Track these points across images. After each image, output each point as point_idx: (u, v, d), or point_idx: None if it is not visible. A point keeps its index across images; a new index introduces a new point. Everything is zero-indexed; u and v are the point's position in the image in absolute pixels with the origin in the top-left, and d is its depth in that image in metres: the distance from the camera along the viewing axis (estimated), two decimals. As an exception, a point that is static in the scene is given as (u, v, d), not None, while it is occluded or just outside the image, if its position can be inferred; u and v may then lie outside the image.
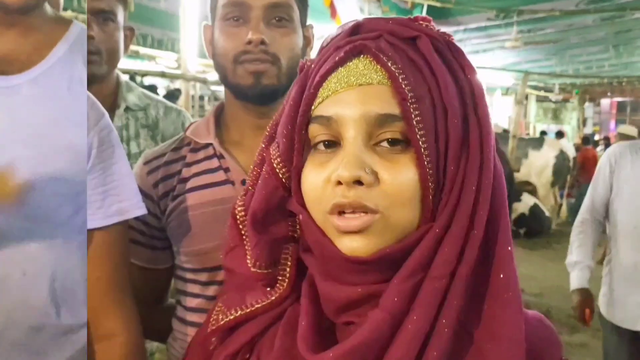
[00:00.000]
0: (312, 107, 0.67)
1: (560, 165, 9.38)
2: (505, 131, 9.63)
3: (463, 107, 0.65)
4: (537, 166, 9.25)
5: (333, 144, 0.65)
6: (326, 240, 0.65)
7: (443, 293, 0.60)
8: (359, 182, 0.61)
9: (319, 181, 0.64)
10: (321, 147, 0.66)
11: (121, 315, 1.02)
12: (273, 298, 0.72)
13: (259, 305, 0.72)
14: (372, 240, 0.62)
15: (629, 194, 2.36)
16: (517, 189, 7.97)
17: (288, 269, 0.72)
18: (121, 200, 0.99)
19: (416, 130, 0.61)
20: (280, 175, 0.70)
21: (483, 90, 0.67)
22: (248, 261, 0.72)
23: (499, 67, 11.16)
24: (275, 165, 0.71)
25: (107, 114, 1.02)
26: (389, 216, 0.62)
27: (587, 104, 16.81)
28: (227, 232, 0.77)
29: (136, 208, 1.02)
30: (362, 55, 0.66)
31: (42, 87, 0.94)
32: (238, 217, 0.75)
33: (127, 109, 1.71)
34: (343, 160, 0.62)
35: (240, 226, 0.74)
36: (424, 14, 7.13)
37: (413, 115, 0.61)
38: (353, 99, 0.64)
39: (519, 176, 8.77)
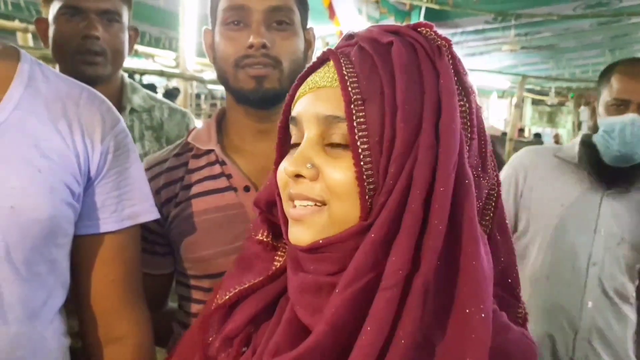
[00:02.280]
0: (291, 108, 0.74)
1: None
2: (504, 134, 9.65)
3: (420, 113, 0.64)
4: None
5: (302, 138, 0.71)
6: (285, 228, 0.72)
7: (397, 303, 0.59)
8: (302, 177, 0.67)
9: (282, 174, 0.71)
10: (295, 145, 0.72)
11: (133, 318, 1.02)
12: (269, 273, 0.77)
13: (255, 282, 0.77)
14: (312, 231, 0.67)
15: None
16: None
17: (287, 249, 0.77)
18: (134, 204, 1.00)
19: (355, 130, 0.64)
20: None
21: (453, 98, 0.65)
22: (253, 232, 0.81)
23: (495, 69, 11.18)
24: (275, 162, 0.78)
25: (122, 119, 1.02)
26: (332, 209, 0.66)
27: (582, 107, 16.83)
28: (252, 226, 0.84)
29: (149, 212, 1.03)
30: (329, 61, 0.71)
31: (1, 145, 0.86)
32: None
33: (132, 110, 1.70)
34: (293, 156, 0.68)
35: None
36: (421, 16, 7.17)
37: (355, 117, 0.65)
38: (309, 101, 0.70)
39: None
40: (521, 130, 11.01)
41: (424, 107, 0.64)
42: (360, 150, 0.64)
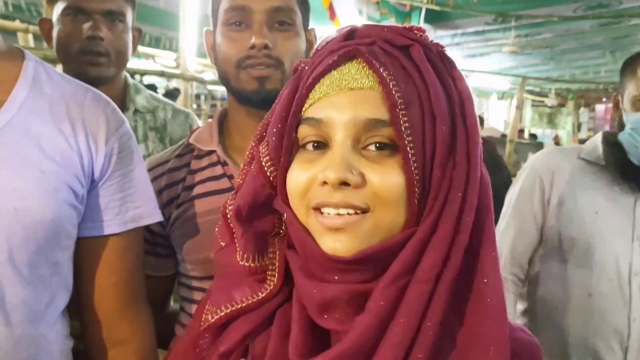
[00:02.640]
0: (303, 109, 0.68)
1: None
2: (504, 136, 9.66)
3: (451, 116, 0.66)
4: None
5: (321, 145, 0.66)
6: (309, 238, 0.66)
7: (428, 296, 0.60)
8: (346, 184, 0.62)
9: (303, 179, 0.66)
10: (309, 147, 0.67)
11: (136, 321, 1.02)
12: (263, 295, 0.72)
13: (248, 302, 0.72)
14: (355, 240, 0.63)
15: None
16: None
17: (277, 263, 0.72)
18: (138, 206, 0.99)
19: (404, 136, 0.62)
20: (268, 174, 0.71)
21: (472, 101, 0.68)
22: (237, 255, 0.72)
23: (495, 71, 11.19)
24: (263, 163, 0.72)
25: (127, 120, 1.01)
26: (377, 216, 0.63)
27: (582, 109, 16.84)
28: (217, 232, 0.77)
29: (152, 215, 1.03)
30: (355, 60, 0.67)
31: (5, 146, 0.85)
32: (228, 215, 0.75)
33: (136, 111, 1.70)
34: (330, 162, 0.63)
35: (231, 225, 0.74)
36: (422, 17, 7.17)
37: (402, 122, 0.62)
38: (344, 103, 0.65)
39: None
40: (521, 132, 11.01)
41: (453, 110, 0.66)
42: (410, 155, 0.62)
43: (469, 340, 0.62)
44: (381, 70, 0.64)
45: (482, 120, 7.30)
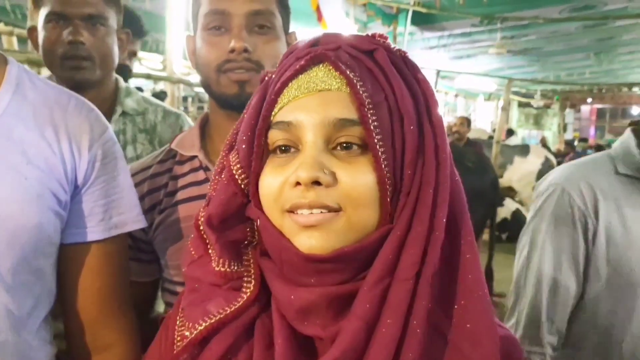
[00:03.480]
0: (273, 114, 0.69)
1: (544, 172, 9.47)
2: (490, 137, 9.72)
3: (418, 115, 0.67)
4: (521, 172, 9.34)
5: (290, 149, 0.67)
6: (284, 240, 0.66)
7: (411, 295, 0.61)
8: (317, 183, 0.63)
9: (276, 183, 0.66)
10: (279, 151, 0.68)
11: (120, 327, 1.01)
12: (240, 303, 0.70)
13: (226, 313, 0.69)
14: (330, 237, 0.63)
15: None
16: (500, 194, 8.05)
17: (252, 270, 0.72)
18: (121, 212, 0.99)
19: (374, 134, 0.63)
20: (240, 182, 0.71)
21: (436, 101, 0.69)
22: (213, 262, 0.71)
23: (482, 72, 11.26)
24: (234, 171, 0.72)
25: (110, 127, 1.01)
26: (350, 215, 0.63)
27: (567, 110, 17.00)
28: (190, 244, 0.76)
29: (136, 221, 1.02)
30: (322, 64, 0.68)
31: None
32: (201, 227, 0.74)
33: (124, 113, 1.70)
34: (302, 162, 0.64)
35: (204, 235, 0.73)
36: (409, 19, 7.21)
37: (370, 121, 0.64)
38: (313, 104, 0.66)
39: (502, 182, 8.84)
40: (510, 132, 11.08)
41: (419, 110, 0.67)
42: (380, 154, 0.63)
43: (459, 335, 0.63)
44: (348, 72, 0.66)
45: (469, 121, 7.33)
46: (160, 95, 5.80)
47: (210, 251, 0.73)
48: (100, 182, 0.96)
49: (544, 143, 12.82)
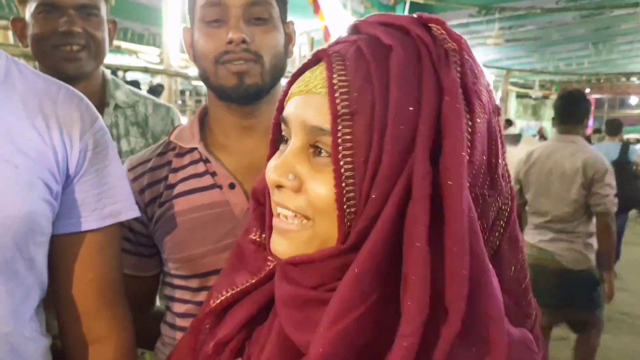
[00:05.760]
0: (284, 104, 0.69)
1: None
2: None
3: (412, 136, 0.58)
4: (514, 162, 9.36)
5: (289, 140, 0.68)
6: (269, 232, 0.68)
7: (415, 350, 0.54)
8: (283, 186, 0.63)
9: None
10: (285, 139, 0.69)
11: (114, 318, 1.01)
12: (262, 275, 0.74)
13: (247, 284, 0.74)
14: (292, 244, 0.64)
15: None
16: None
17: None
18: (115, 202, 0.98)
19: (339, 148, 0.59)
20: None
21: (459, 125, 0.57)
22: (251, 234, 0.76)
23: (480, 63, 11.24)
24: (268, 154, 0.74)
25: (100, 117, 1.00)
26: (317, 226, 0.62)
27: (566, 100, 16.98)
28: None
29: (130, 210, 1.01)
30: (322, 62, 0.65)
31: None
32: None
33: (117, 106, 1.68)
34: (275, 163, 0.64)
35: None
36: (406, 10, 7.18)
37: (340, 133, 0.59)
38: (299, 105, 0.64)
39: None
40: (508, 122, 11.05)
41: (418, 127, 0.57)
42: (342, 170, 0.59)
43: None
44: (334, 76, 0.61)
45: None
46: (158, 88, 5.79)
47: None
48: (92, 171, 0.95)
49: (542, 134, 12.82)
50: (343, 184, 0.59)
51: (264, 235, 0.74)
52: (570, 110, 3.26)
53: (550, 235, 3.17)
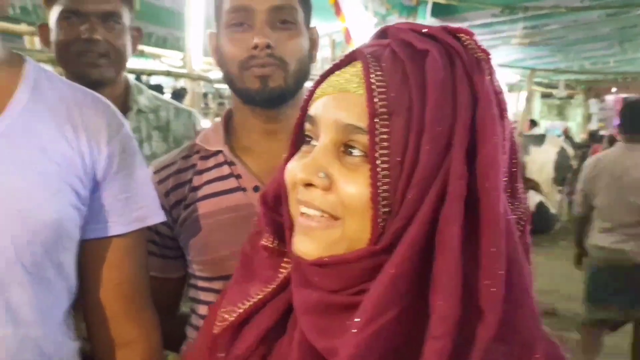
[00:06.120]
0: (309, 105, 0.69)
1: (562, 162, 9.35)
2: (512, 129, 9.59)
3: (448, 138, 0.59)
4: (539, 164, 9.24)
5: (313, 140, 0.67)
6: (289, 233, 0.67)
7: (448, 353, 0.53)
8: (313, 185, 0.62)
9: (294, 170, 0.66)
10: (307, 141, 0.68)
11: (141, 322, 1.02)
12: (277, 282, 0.72)
13: (264, 294, 0.72)
14: (320, 245, 0.63)
15: None
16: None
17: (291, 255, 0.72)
18: (141, 206, 1.00)
19: (376, 147, 0.59)
20: None
21: (494, 129, 0.59)
22: (263, 240, 0.74)
23: (504, 63, 11.12)
24: (284, 156, 0.73)
25: (127, 123, 1.02)
26: (346, 226, 0.61)
27: (591, 100, 16.74)
28: (257, 219, 0.78)
29: (156, 214, 1.03)
30: (356, 61, 0.65)
31: (7, 149, 0.86)
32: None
33: (139, 111, 1.71)
34: (304, 161, 0.63)
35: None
36: (428, 11, 7.14)
37: (378, 132, 0.59)
38: (332, 104, 0.64)
39: (525, 174, 8.74)
40: (533, 123, 10.92)
41: (455, 130, 0.59)
42: (379, 169, 0.59)
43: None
44: (372, 75, 0.61)
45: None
46: (181, 92, 5.85)
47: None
48: (119, 177, 0.97)
49: (567, 134, 12.65)
50: (379, 184, 0.59)
51: (276, 242, 0.73)
52: (637, 119, 3.35)
53: (622, 237, 3.28)
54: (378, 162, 0.59)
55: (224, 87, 10.60)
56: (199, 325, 1.17)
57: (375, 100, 0.60)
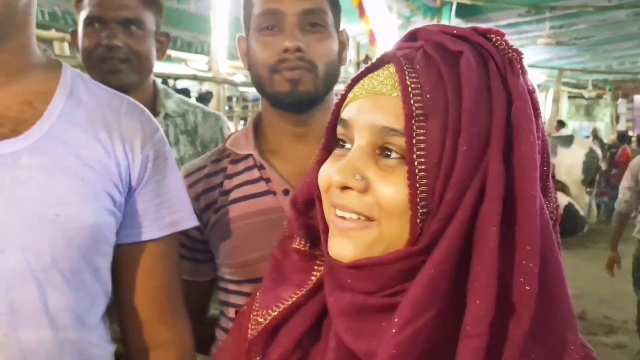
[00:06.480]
0: (341, 109, 0.69)
1: (590, 164, 9.22)
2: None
3: (486, 137, 0.60)
4: (567, 165, 9.12)
5: (347, 143, 0.67)
6: (324, 236, 0.67)
7: (484, 352, 0.54)
8: (349, 188, 0.62)
9: (328, 173, 0.66)
10: (340, 144, 0.68)
11: (174, 325, 1.03)
12: (310, 285, 0.71)
13: (297, 296, 0.71)
14: (357, 247, 0.62)
15: None
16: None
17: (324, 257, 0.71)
18: (174, 212, 1.00)
19: (414, 149, 0.59)
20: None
21: (530, 127, 0.60)
22: (294, 243, 0.74)
23: (530, 63, 11.02)
24: (316, 160, 0.73)
25: (160, 127, 1.03)
26: (383, 227, 0.61)
27: (620, 100, 16.47)
28: (287, 223, 0.78)
29: (189, 219, 1.03)
30: (390, 64, 0.65)
31: (45, 155, 0.87)
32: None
33: (167, 115, 1.72)
34: (340, 164, 0.63)
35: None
36: (453, 11, 7.10)
37: (415, 134, 0.59)
38: (366, 107, 0.64)
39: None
40: (560, 124, 10.77)
41: (491, 131, 0.59)
42: (417, 171, 0.59)
43: None
44: (407, 77, 0.61)
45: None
46: (207, 95, 5.89)
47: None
48: (153, 182, 0.97)
49: (595, 134, 12.46)
50: (417, 185, 0.59)
51: (308, 245, 0.74)
52: None
53: None
54: (415, 163, 0.59)
55: (248, 91, 10.69)
56: (228, 327, 1.17)
57: (411, 101, 0.60)
